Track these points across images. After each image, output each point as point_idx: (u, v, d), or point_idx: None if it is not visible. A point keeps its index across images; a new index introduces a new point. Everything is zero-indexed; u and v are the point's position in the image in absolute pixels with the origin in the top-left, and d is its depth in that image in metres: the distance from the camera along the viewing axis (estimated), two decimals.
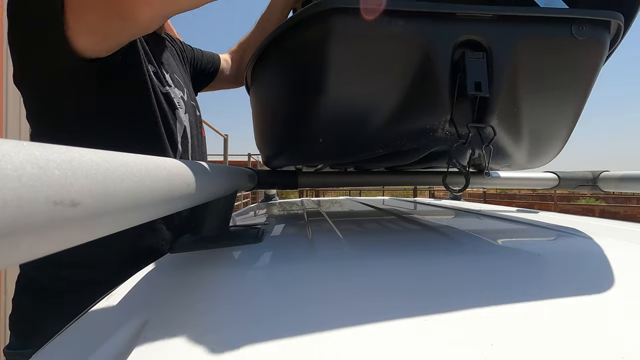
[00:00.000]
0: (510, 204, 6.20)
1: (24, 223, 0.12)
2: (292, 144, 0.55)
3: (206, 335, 0.24)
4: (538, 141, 0.55)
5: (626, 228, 0.61)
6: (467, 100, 0.45)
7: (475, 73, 0.42)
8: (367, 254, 0.43)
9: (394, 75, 0.44)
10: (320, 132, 0.48)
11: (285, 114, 0.54)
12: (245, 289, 0.33)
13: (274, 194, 1.57)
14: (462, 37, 0.42)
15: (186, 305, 0.30)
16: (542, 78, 0.46)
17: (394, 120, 0.47)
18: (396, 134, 0.49)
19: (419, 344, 0.22)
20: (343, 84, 0.44)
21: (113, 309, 0.31)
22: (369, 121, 0.47)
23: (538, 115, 0.50)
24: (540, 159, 0.62)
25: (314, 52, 0.44)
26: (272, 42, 0.50)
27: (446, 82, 0.43)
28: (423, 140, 0.49)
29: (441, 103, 0.44)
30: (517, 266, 0.37)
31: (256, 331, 0.25)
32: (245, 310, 0.28)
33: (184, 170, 0.27)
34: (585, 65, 0.46)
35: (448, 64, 0.43)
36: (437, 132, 0.48)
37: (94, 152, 0.17)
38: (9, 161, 0.12)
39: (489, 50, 0.43)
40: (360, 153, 0.52)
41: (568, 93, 0.49)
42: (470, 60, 0.42)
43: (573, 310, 0.27)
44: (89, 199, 0.16)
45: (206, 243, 0.47)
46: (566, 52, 0.44)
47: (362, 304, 0.28)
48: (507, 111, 0.47)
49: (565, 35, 0.43)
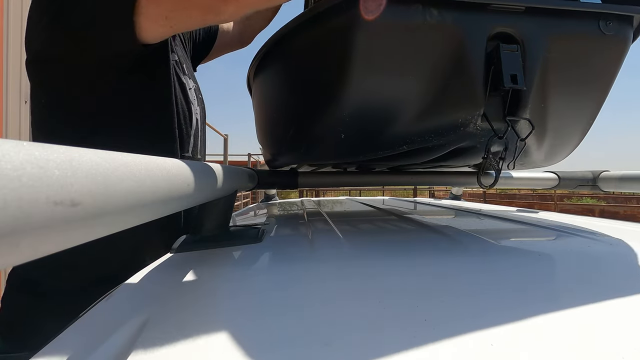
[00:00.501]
0: (510, 204, 6.20)
1: (24, 223, 0.12)
2: (308, 141, 0.53)
3: (206, 335, 0.24)
4: (558, 138, 0.54)
5: (626, 228, 0.61)
6: (499, 94, 0.44)
7: (511, 65, 0.41)
8: (367, 254, 0.43)
9: (425, 67, 0.43)
10: (344, 128, 0.46)
11: (302, 109, 0.52)
12: (245, 289, 0.33)
13: (274, 194, 1.56)
14: (496, 29, 0.42)
15: (186, 305, 0.30)
16: (569, 72, 0.46)
17: (423, 114, 0.46)
18: (425, 130, 0.47)
19: (419, 343, 0.22)
20: (371, 76, 0.42)
21: (113, 308, 0.31)
22: (397, 116, 0.46)
23: (562, 111, 0.49)
24: (555, 157, 0.61)
25: (340, 42, 0.42)
26: (288, 33, 0.48)
27: (480, 75, 0.42)
28: (452, 135, 0.48)
29: (475, 97, 0.43)
30: (517, 266, 0.37)
31: (256, 331, 0.25)
32: (245, 310, 0.28)
33: (184, 170, 0.27)
34: (609, 61, 0.46)
35: (482, 56, 0.42)
36: (469, 127, 0.46)
37: (94, 152, 0.17)
38: (9, 161, 0.12)
39: (522, 42, 0.43)
40: (383, 150, 0.51)
41: (591, 89, 0.48)
42: (505, 52, 0.41)
43: (573, 310, 0.27)
44: (89, 199, 0.16)
45: (206, 243, 0.47)
46: (593, 48, 0.44)
47: (362, 304, 0.28)
48: (536, 106, 0.46)
49: (594, 29, 0.43)
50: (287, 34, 0.49)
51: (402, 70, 0.43)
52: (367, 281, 0.33)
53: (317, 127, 0.49)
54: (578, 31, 0.43)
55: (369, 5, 0.39)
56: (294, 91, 0.54)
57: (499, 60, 0.41)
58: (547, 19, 0.43)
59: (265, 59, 0.56)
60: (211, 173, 0.35)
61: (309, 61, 0.49)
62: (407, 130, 0.47)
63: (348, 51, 0.41)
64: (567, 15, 0.43)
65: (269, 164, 0.73)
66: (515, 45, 0.42)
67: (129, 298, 0.33)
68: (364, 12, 0.39)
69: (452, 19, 0.40)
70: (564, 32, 0.43)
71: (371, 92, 0.44)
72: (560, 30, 0.43)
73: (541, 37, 0.43)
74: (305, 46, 0.48)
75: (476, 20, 0.41)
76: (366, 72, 0.42)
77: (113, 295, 0.33)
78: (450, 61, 0.42)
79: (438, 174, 0.82)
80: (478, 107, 0.44)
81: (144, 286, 0.35)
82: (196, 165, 0.31)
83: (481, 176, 0.54)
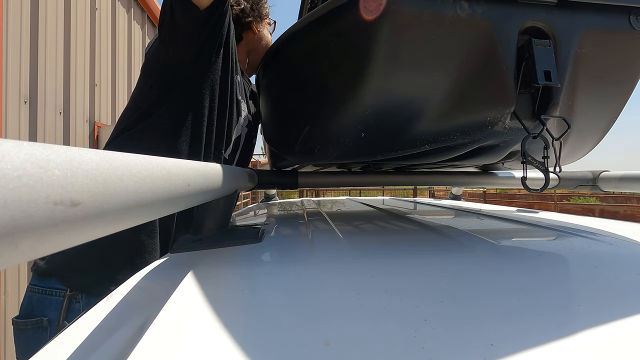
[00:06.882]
0: (510, 204, 6.20)
1: (24, 223, 0.12)
2: (324, 140, 0.51)
3: (206, 335, 0.24)
4: (579, 137, 0.53)
5: (626, 228, 0.61)
6: (529, 91, 0.42)
7: (544, 61, 0.40)
8: (367, 254, 0.43)
9: (454, 62, 0.41)
10: (365, 127, 0.45)
11: (319, 107, 0.50)
12: (245, 289, 0.33)
13: (274, 194, 1.56)
14: (527, 23, 0.40)
15: (186, 305, 0.30)
16: (598, 69, 0.45)
17: (450, 112, 0.44)
18: (450, 128, 0.46)
19: (420, 343, 0.22)
20: (397, 72, 0.41)
21: (113, 309, 0.31)
22: (422, 114, 0.44)
23: (587, 109, 0.48)
24: (573, 157, 0.59)
25: (364, 37, 0.40)
26: (305, 29, 0.46)
27: (511, 71, 0.41)
28: (478, 134, 0.46)
29: (505, 94, 0.41)
30: (517, 266, 0.37)
31: (256, 330, 0.25)
32: (245, 310, 0.28)
33: (184, 170, 0.27)
34: (637, 57, 0.45)
35: (514, 52, 0.40)
36: (497, 125, 0.44)
37: (94, 152, 0.17)
38: (9, 161, 0.12)
39: (554, 37, 0.41)
40: (404, 149, 0.49)
41: (617, 86, 0.47)
42: (538, 47, 0.40)
43: (573, 310, 0.27)
44: (89, 199, 0.16)
45: (206, 243, 0.47)
46: (622, 43, 0.43)
47: (362, 303, 0.28)
48: (564, 104, 0.45)
49: (624, 24, 0.42)
50: (304, 29, 0.47)
51: (430, 66, 0.41)
52: (367, 281, 0.33)
53: (335, 126, 0.48)
54: (608, 26, 0.42)
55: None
56: (310, 89, 0.52)
57: (531, 56, 0.40)
58: (578, 13, 0.41)
59: (278, 56, 0.55)
60: (211, 173, 0.35)
61: (329, 57, 0.47)
62: (432, 128, 0.46)
63: (373, 45, 0.40)
64: (598, 10, 0.42)
65: (274, 164, 0.72)
66: (548, 41, 0.41)
67: (129, 298, 0.33)
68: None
69: (483, 11, 0.39)
70: (595, 27, 0.42)
71: (397, 89, 0.42)
72: (591, 25, 0.42)
73: (573, 32, 0.41)
74: (326, 42, 0.46)
75: (507, 14, 0.39)
76: (392, 68, 0.40)
77: (113, 295, 0.33)
78: (480, 56, 0.40)
79: (441, 174, 0.82)
80: (509, 105, 0.42)
81: (143, 286, 0.35)
82: (196, 165, 0.31)
83: (525, 179, 0.50)
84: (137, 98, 0.77)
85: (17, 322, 0.65)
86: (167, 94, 0.74)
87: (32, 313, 0.65)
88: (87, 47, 2.18)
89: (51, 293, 0.65)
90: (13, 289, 1.64)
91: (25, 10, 1.69)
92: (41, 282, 0.66)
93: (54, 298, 0.65)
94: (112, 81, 2.49)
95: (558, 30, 0.41)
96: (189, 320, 0.27)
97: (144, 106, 0.74)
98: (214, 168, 0.37)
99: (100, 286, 0.63)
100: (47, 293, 0.65)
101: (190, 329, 0.25)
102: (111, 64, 2.48)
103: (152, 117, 0.73)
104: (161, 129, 0.73)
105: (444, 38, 0.40)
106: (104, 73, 2.39)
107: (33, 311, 0.65)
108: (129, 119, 0.75)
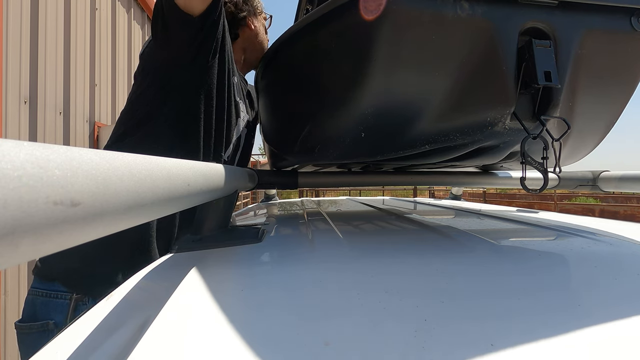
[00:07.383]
0: (510, 204, 6.20)
1: (24, 223, 0.12)
2: (324, 140, 0.51)
3: (206, 335, 0.24)
4: (579, 138, 0.53)
5: (626, 228, 0.61)
6: (529, 92, 0.42)
7: (544, 62, 0.40)
8: (367, 254, 0.43)
9: (454, 63, 0.41)
10: (365, 127, 0.45)
11: (319, 107, 0.50)
12: (245, 289, 0.33)
13: (274, 194, 1.56)
14: (528, 23, 0.40)
15: (186, 305, 0.30)
16: (598, 70, 0.45)
17: (450, 113, 0.44)
18: (450, 129, 0.46)
19: (420, 343, 0.22)
20: (398, 72, 0.41)
21: (113, 308, 0.31)
22: (422, 114, 0.44)
23: (588, 110, 0.48)
24: (573, 158, 0.59)
25: (364, 37, 0.40)
26: (305, 29, 0.46)
27: (512, 72, 0.41)
28: (478, 134, 0.46)
29: (505, 94, 0.42)
30: (517, 266, 0.37)
31: (256, 330, 0.25)
32: (245, 310, 0.28)
33: (184, 170, 0.27)
34: (637, 58, 0.45)
35: (514, 52, 0.40)
36: (497, 126, 0.44)
37: (94, 152, 0.17)
38: (9, 161, 0.12)
39: (554, 38, 0.41)
40: (404, 149, 0.49)
41: (617, 87, 0.47)
42: (539, 48, 0.40)
43: (573, 310, 0.27)
44: (89, 199, 0.16)
45: (206, 243, 0.47)
46: (623, 44, 0.43)
47: (362, 303, 0.28)
48: (565, 105, 0.45)
49: (625, 25, 0.42)
50: (304, 29, 0.47)
51: (430, 66, 0.41)
52: (367, 281, 0.33)
53: (335, 126, 0.48)
54: (609, 27, 0.42)
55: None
56: (310, 89, 0.52)
57: (532, 57, 0.40)
58: (579, 14, 0.42)
59: (277, 56, 0.55)
60: (211, 173, 0.35)
61: (329, 58, 0.47)
62: (432, 129, 0.46)
63: (373, 45, 0.40)
64: (599, 11, 0.42)
65: (274, 164, 0.72)
66: (548, 41, 0.41)
67: (130, 298, 0.33)
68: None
69: (483, 12, 0.39)
70: (596, 28, 0.42)
71: (397, 89, 0.42)
72: (592, 26, 0.42)
73: (573, 33, 0.42)
74: (326, 42, 0.46)
75: (508, 15, 0.40)
76: (392, 68, 0.40)
77: (113, 295, 0.33)
78: (480, 57, 0.41)
79: (441, 174, 0.82)
80: (509, 106, 0.43)
81: (144, 286, 0.35)
82: (196, 165, 0.31)
83: (524, 180, 0.49)
84: (134, 101, 0.76)
85: (20, 326, 0.65)
86: (164, 98, 0.73)
87: (36, 316, 0.64)
88: (87, 47, 2.18)
89: (56, 296, 0.65)
90: (13, 289, 1.64)
91: (25, 10, 1.69)
92: (44, 285, 0.66)
93: (59, 301, 0.64)
94: (112, 81, 2.49)
95: (559, 31, 0.41)
96: (189, 320, 0.27)
97: (141, 110, 0.74)
98: (214, 168, 0.37)
99: (103, 287, 0.63)
100: (51, 296, 0.65)
101: (191, 329, 0.25)
102: (111, 64, 2.48)
103: (151, 122, 0.73)
104: (160, 135, 0.73)
105: (444, 38, 0.40)
106: (104, 73, 2.39)
107: (37, 314, 0.65)
108: (127, 125, 0.75)
